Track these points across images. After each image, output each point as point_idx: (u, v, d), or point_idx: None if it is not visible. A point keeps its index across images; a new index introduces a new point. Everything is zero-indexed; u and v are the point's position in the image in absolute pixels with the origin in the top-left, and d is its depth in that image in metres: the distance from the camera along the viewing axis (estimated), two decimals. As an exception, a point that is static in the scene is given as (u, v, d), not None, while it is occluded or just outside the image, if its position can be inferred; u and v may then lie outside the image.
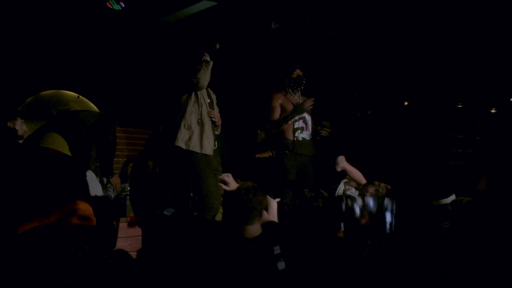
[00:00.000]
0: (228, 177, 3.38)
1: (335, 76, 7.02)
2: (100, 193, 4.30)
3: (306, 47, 6.38)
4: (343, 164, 4.64)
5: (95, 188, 4.22)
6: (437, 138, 7.20)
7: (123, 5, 5.66)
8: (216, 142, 4.77)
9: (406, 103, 7.74)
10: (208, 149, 4.53)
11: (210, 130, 4.59)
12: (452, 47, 6.44)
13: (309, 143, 5.34)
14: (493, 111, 7.32)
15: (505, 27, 6.00)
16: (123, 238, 2.96)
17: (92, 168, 4.46)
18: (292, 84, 5.31)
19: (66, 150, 3.12)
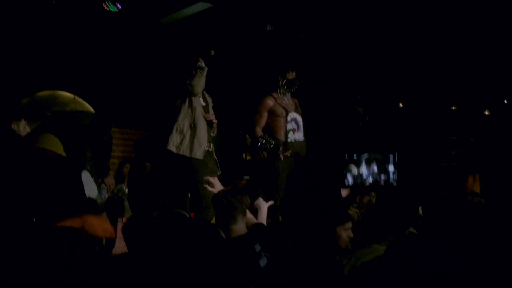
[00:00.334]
0: (214, 179, 3.45)
1: (330, 78, 7.05)
2: (96, 193, 4.33)
3: (302, 49, 6.41)
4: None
5: (90, 188, 4.25)
6: (432, 140, 7.24)
7: (120, 6, 5.68)
8: (211, 144, 4.80)
9: (401, 105, 7.79)
10: (198, 153, 4.51)
11: (202, 134, 4.58)
12: (445, 50, 6.48)
13: (301, 144, 5.35)
14: (486, 113, 7.37)
15: (499, 30, 6.05)
16: (120, 238, 2.99)
17: (87, 168, 4.48)
18: (285, 84, 5.33)
19: (61, 151, 3.15)
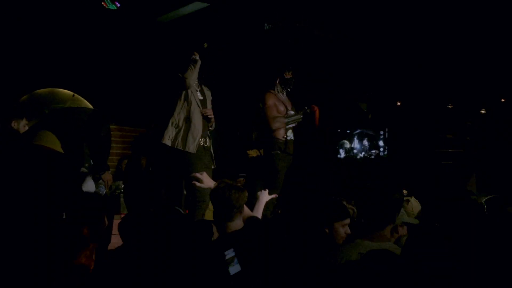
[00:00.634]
0: (202, 174, 3.44)
1: (328, 77, 7.09)
2: (93, 189, 4.36)
3: (299, 48, 6.45)
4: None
5: (88, 184, 4.29)
6: (428, 138, 7.27)
7: (119, 4, 5.72)
8: (208, 139, 4.82)
9: (398, 103, 7.82)
10: (191, 147, 4.54)
11: (196, 128, 4.60)
12: (442, 49, 6.50)
13: None
14: (482, 111, 7.40)
15: (495, 30, 6.08)
16: (117, 235, 3.02)
17: (85, 165, 4.51)
18: (282, 83, 5.42)
19: (58, 147, 3.20)
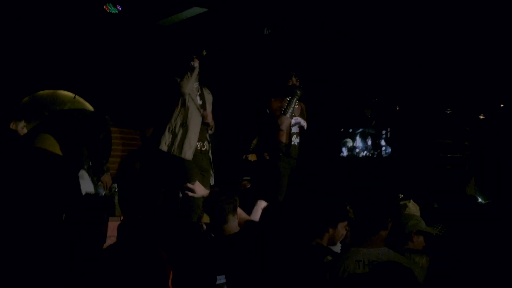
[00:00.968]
0: (195, 184, 3.56)
1: (329, 79, 7.12)
2: (92, 191, 4.40)
3: (300, 52, 6.49)
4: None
5: (87, 186, 4.32)
6: (426, 143, 7.30)
7: (120, 8, 5.78)
8: (207, 143, 4.85)
9: (397, 108, 7.85)
10: (187, 154, 4.55)
11: (193, 134, 4.61)
12: (441, 53, 6.54)
13: None
14: (481, 117, 7.43)
15: (494, 34, 6.10)
16: (112, 236, 3.05)
17: (84, 167, 4.55)
18: (286, 92, 5.37)
19: (57, 150, 3.23)
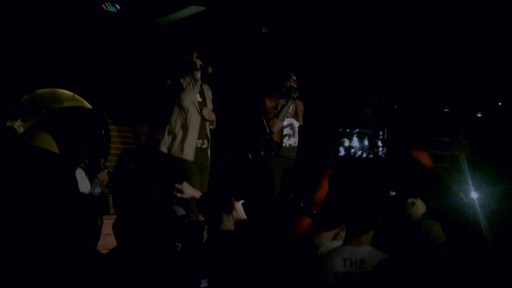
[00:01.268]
0: (183, 185, 3.56)
1: (327, 78, 7.13)
2: (88, 189, 4.43)
3: (297, 51, 6.50)
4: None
5: (83, 185, 4.36)
6: (424, 141, 7.29)
7: (118, 7, 5.79)
8: (205, 141, 4.87)
9: (395, 106, 7.85)
10: (189, 155, 4.60)
11: (193, 136, 4.65)
12: (438, 51, 6.55)
13: (294, 149, 5.40)
14: (479, 115, 7.43)
15: (492, 32, 6.12)
16: (107, 235, 3.08)
17: (81, 165, 4.59)
18: (283, 93, 5.39)
19: (54, 148, 3.27)
